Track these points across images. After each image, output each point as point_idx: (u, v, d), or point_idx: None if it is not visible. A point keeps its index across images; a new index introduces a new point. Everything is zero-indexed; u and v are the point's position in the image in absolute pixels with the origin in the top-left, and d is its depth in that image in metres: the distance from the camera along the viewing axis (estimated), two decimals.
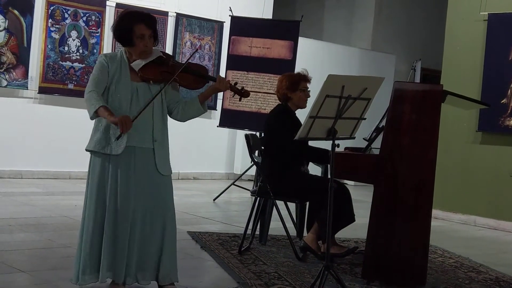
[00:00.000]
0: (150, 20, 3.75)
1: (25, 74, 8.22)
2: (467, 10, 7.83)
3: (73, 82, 8.59)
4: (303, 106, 5.22)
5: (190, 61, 3.90)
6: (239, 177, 8.71)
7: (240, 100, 4.09)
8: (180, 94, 3.94)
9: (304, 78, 5.23)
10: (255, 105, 8.10)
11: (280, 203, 5.31)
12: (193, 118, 3.94)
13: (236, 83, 3.94)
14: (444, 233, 6.92)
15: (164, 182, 3.80)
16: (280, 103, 5.31)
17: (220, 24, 9.80)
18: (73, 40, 8.57)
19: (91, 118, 3.70)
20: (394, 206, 4.44)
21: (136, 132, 3.66)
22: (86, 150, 3.79)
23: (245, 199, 8.25)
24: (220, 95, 8.56)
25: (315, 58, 10.08)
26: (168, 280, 3.81)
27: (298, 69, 7.63)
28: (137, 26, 3.68)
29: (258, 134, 7.05)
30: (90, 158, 3.80)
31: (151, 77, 3.73)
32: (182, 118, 3.91)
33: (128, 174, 3.68)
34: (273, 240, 5.59)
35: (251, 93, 3.98)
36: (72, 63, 8.57)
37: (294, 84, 5.19)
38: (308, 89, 5.24)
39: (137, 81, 3.73)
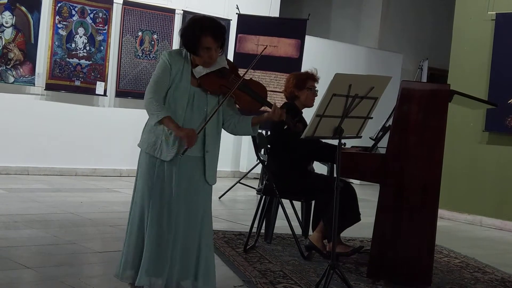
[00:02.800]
0: (219, 33, 3.63)
1: (32, 71, 8.24)
2: (474, 9, 7.81)
3: (80, 79, 8.60)
4: (310, 105, 5.20)
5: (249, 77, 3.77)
6: (244, 175, 8.72)
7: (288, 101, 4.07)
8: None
9: (311, 77, 5.22)
10: None
11: (285, 202, 5.31)
12: (242, 135, 3.95)
13: (287, 113, 3.89)
14: (450, 233, 6.90)
15: (207, 191, 3.76)
16: (286, 101, 5.30)
17: (227, 22, 9.79)
18: (80, 37, 8.58)
19: (154, 125, 3.61)
20: (400, 206, 4.43)
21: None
22: (139, 146, 3.72)
23: (251, 197, 8.25)
24: None
25: (322, 56, 10.07)
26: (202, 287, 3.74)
27: (304, 67, 7.63)
28: (204, 39, 3.57)
29: (264, 132, 7.05)
30: (140, 154, 3.73)
31: (209, 89, 3.66)
32: (232, 132, 3.87)
33: (174, 180, 3.63)
34: (278, 238, 5.59)
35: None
36: (79, 60, 8.59)
37: (302, 82, 5.17)
38: (316, 89, 5.23)
39: (195, 86, 3.66)
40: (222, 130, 3.83)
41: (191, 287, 3.71)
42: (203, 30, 3.58)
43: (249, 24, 8.58)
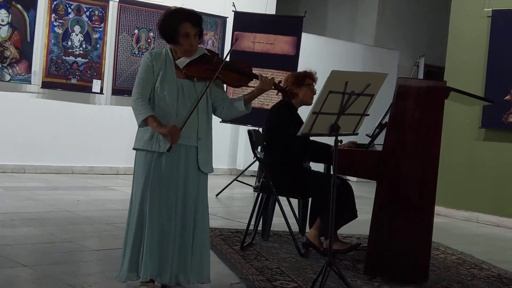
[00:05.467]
0: (196, 19, 3.72)
1: (28, 69, 8.22)
2: (471, 6, 7.81)
3: (76, 77, 8.59)
4: (309, 102, 5.18)
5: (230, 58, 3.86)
6: (241, 173, 8.71)
7: (284, 98, 4.07)
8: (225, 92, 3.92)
9: (310, 76, 5.24)
10: (258, 100, 8.09)
11: (282, 199, 5.31)
12: (237, 117, 3.94)
13: (280, 82, 3.95)
14: (447, 230, 6.91)
15: (203, 180, 3.79)
16: (282, 98, 5.29)
17: (224, 19, 9.79)
18: (76, 35, 8.57)
19: (139, 127, 3.68)
20: (396, 203, 4.44)
21: (182, 130, 3.64)
22: (134, 149, 3.76)
23: (248, 194, 8.25)
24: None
25: (318, 54, 10.07)
26: (199, 281, 3.77)
27: (301, 65, 7.65)
28: (182, 25, 3.66)
29: (260, 129, 7.05)
30: (136, 155, 3.77)
31: (195, 75, 3.72)
32: (226, 116, 3.91)
33: (172, 171, 3.66)
34: (275, 236, 5.59)
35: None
36: (75, 58, 8.58)
37: (300, 80, 5.19)
38: (315, 88, 5.23)
39: (182, 78, 3.71)
40: (226, 125, 3.86)
41: (187, 281, 3.72)
42: (180, 17, 3.68)
43: (246, 21, 8.57)
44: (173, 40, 3.70)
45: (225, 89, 4.04)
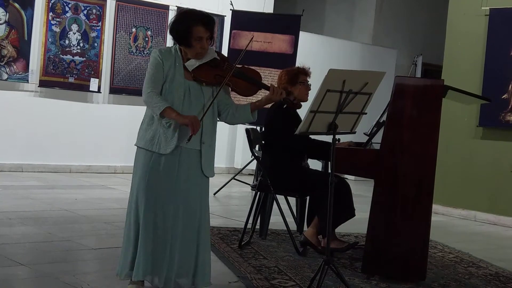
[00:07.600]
0: (209, 22, 3.68)
1: (26, 68, 8.22)
2: (468, 5, 7.82)
3: (74, 75, 8.58)
4: (304, 99, 5.19)
5: (241, 65, 3.81)
6: (239, 172, 8.72)
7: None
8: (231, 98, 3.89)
9: (303, 71, 5.21)
10: (256, 99, 8.07)
11: (280, 198, 5.30)
12: (242, 123, 3.93)
13: (288, 94, 3.95)
14: (444, 228, 6.92)
15: (205, 184, 3.77)
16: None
17: (221, 18, 9.78)
18: (74, 33, 8.56)
19: (158, 119, 3.65)
20: (394, 201, 4.44)
21: (186, 133, 3.61)
22: (136, 145, 3.73)
23: (246, 193, 8.25)
24: None
25: (316, 52, 10.07)
26: (202, 285, 3.76)
27: (298, 63, 7.63)
28: (195, 28, 3.61)
29: (258, 128, 7.05)
30: (136, 153, 3.75)
31: (205, 80, 3.68)
32: (231, 122, 3.90)
33: (170, 173, 3.63)
34: (273, 234, 5.59)
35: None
36: (73, 57, 8.57)
37: (294, 77, 5.16)
38: (309, 83, 5.21)
39: (190, 80, 3.68)
40: (224, 124, 3.85)
41: (189, 285, 3.71)
42: (193, 20, 3.64)
43: (243, 20, 8.56)
44: (185, 43, 3.66)
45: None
